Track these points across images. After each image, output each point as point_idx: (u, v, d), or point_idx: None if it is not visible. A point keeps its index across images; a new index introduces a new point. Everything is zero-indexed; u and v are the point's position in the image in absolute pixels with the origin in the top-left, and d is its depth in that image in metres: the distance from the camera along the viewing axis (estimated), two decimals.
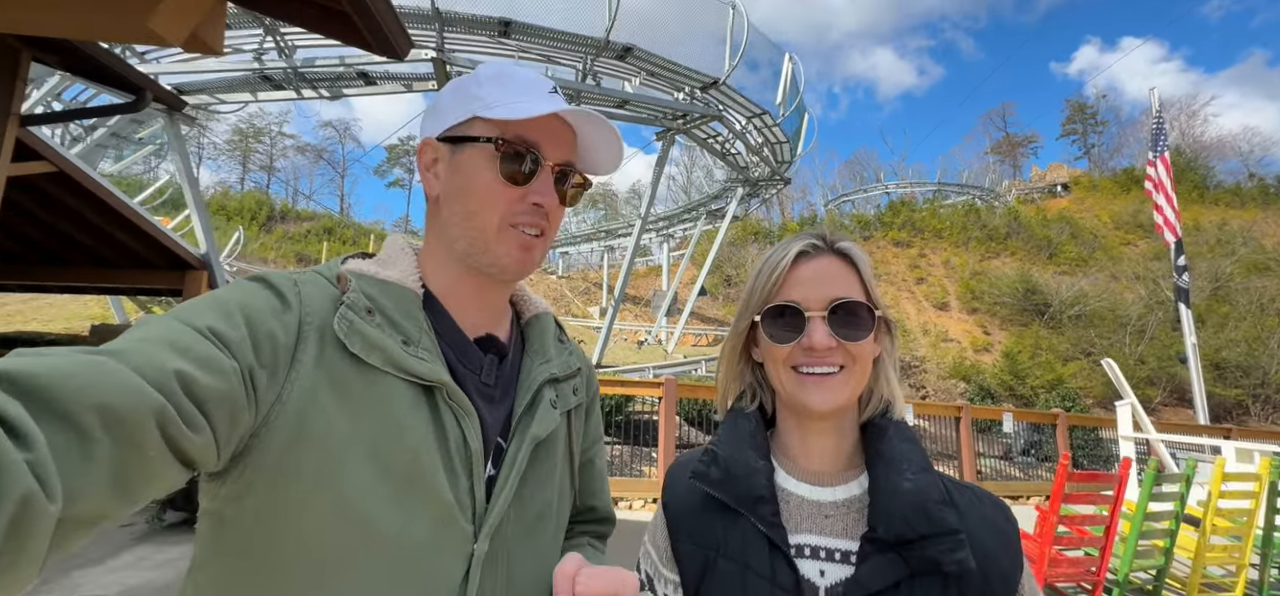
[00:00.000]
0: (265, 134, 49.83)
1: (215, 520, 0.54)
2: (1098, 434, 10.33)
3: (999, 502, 0.67)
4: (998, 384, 22.28)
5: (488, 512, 0.61)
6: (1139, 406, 7.03)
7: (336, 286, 0.60)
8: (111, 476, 0.38)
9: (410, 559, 0.55)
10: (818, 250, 0.70)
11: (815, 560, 0.64)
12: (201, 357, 0.46)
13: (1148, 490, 3.61)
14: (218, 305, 0.51)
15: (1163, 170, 10.57)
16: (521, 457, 0.64)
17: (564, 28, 9.56)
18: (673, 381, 6.62)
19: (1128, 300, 31.04)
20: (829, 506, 0.67)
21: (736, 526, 0.66)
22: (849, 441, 0.70)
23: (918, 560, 0.59)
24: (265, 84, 9.88)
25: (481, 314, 0.69)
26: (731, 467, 0.68)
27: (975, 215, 39.90)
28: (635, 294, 31.21)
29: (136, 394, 0.40)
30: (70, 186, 5.31)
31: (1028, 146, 64.44)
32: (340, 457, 0.53)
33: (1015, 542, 0.63)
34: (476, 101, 0.64)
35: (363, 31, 3.08)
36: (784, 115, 13.30)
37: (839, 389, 0.66)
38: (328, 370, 0.55)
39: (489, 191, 0.64)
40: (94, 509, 0.38)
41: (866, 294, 0.68)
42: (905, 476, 0.63)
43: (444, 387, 0.59)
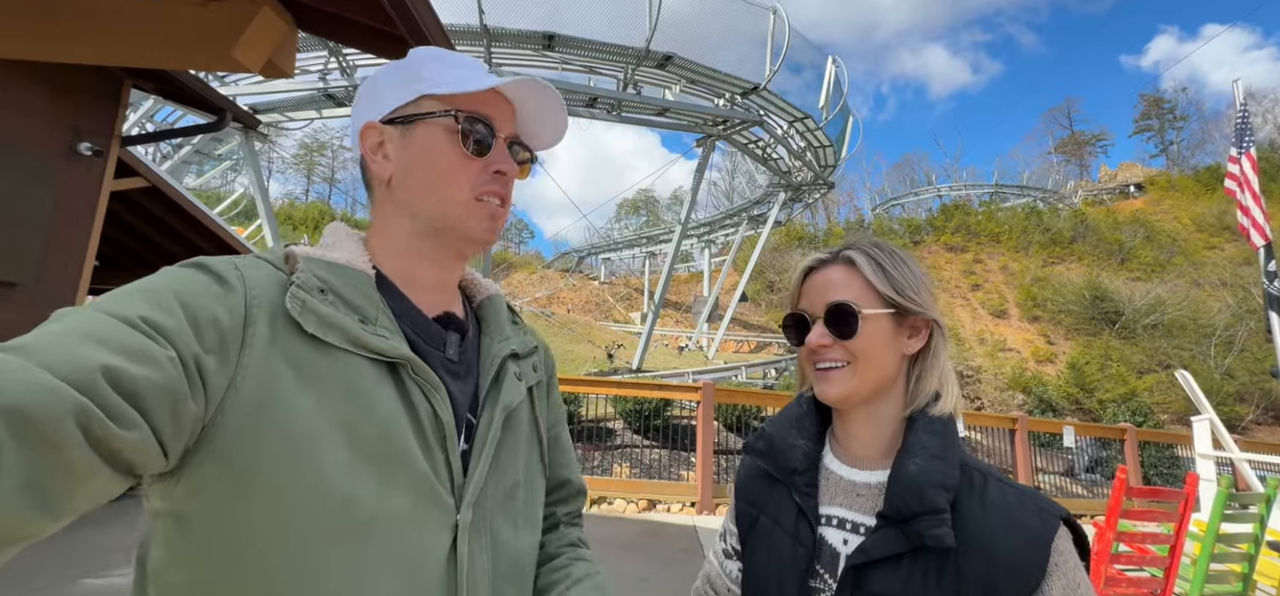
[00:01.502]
0: (328, 148, 53.05)
1: (174, 520, 0.50)
2: (1173, 451, 9.58)
3: (1044, 506, 0.67)
4: (1062, 396, 20.96)
5: (467, 483, 0.61)
6: (1218, 422, 6.49)
7: (283, 268, 0.58)
8: (21, 484, 0.35)
9: (394, 533, 0.54)
10: (824, 263, 0.79)
11: (841, 530, 0.73)
12: (129, 349, 0.42)
13: (1220, 508, 3.36)
14: (147, 293, 0.48)
15: (1248, 167, 9.75)
16: (495, 427, 0.65)
17: (606, 39, 9.78)
18: (711, 386, 6.63)
19: (1212, 308, 28.54)
20: (862, 487, 0.74)
21: (776, 491, 0.79)
22: (887, 430, 0.75)
23: (914, 536, 0.65)
24: (329, 102, 10.59)
25: (435, 293, 0.68)
26: (774, 443, 0.81)
27: (1037, 218, 37.73)
28: (676, 300, 31.21)
29: (47, 393, 0.36)
30: (160, 199, 5.88)
31: (1096, 144, 60.41)
32: (308, 439, 0.51)
33: (1042, 544, 0.63)
34: (421, 81, 0.66)
35: None
36: (827, 119, 13.08)
37: (844, 380, 0.74)
38: (283, 351, 0.52)
39: (452, 164, 0.65)
40: (6, 522, 0.35)
41: (874, 292, 0.74)
42: (914, 461, 0.68)
43: (409, 363, 0.58)
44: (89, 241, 4.20)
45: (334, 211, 47.02)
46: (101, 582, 3.32)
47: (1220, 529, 3.37)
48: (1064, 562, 0.63)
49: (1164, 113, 57.56)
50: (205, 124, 5.31)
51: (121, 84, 4.42)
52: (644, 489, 6.26)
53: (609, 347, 18.08)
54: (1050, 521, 0.65)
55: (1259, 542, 3.53)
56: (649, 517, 5.69)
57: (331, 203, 51.99)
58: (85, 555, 3.58)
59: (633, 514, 5.80)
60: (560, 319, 24.59)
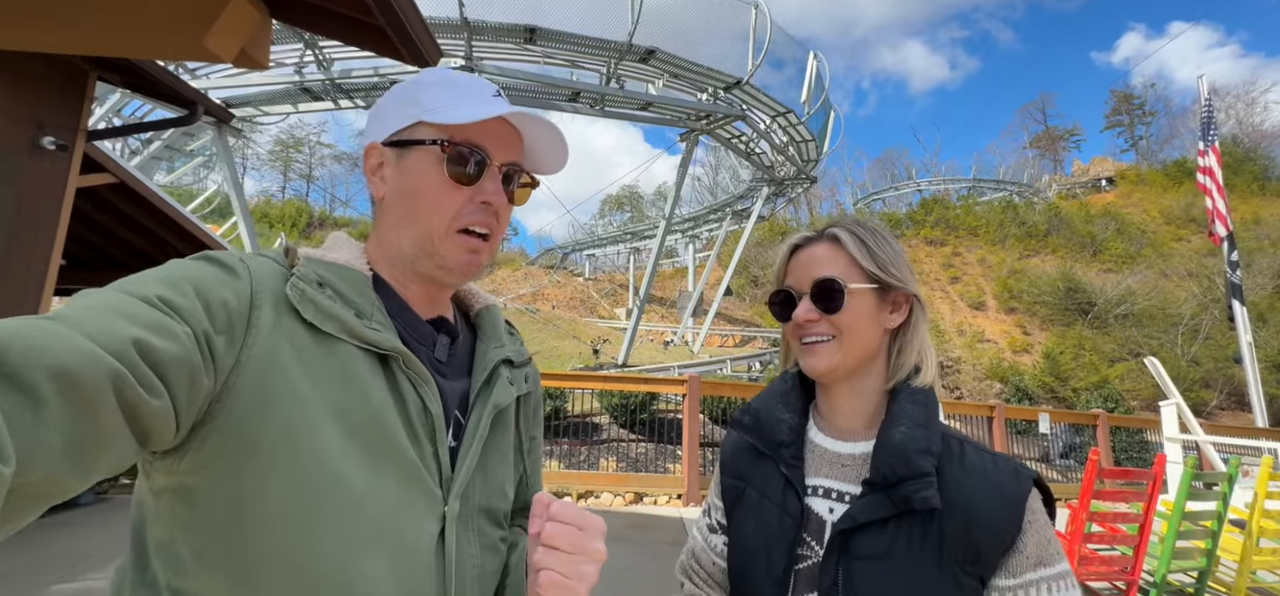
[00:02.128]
0: (304, 144, 51.90)
1: (179, 494, 0.53)
2: (1143, 436, 9.90)
3: (1019, 469, 0.71)
4: (1037, 385, 21.50)
5: (455, 476, 0.63)
6: (1185, 406, 6.73)
7: (283, 263, 0.61)
8: (64, 442, 0.37)
9: (385, 516, 0.56)
10: (810, 241, 0.81)
11: (828, 499, 0.75)
12: (153, 324, 0.45)
13: (1185, 488, 3.49)
14: (162, 277, 0.51)
15: (1214, 160, 10.09)
16: (484, 424, 0.66)
17: (588, 32, 9.73)
18: (697, 379, 6.66)
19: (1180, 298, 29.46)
20: (847, 457, 0.77)
21: (763, 465, 0.81)
22: (870, 403, 0.78)
23: (899, 499, 0.68)
24: (305, 95, 10.37)
25: (427, 302, 0.70)
26: (761, 417, 0.83)
27: (1013, 212, 38.54)
28: (661, 295, 31.26)
29: (91, 357, 0.39)
30: (129, 196, 5.71)
31: (1069, 140, 61.86)
32: (306, 418, 0.53)
33: (1017, 503, 0.67)
34: (419, 106, 0.66)
35: (395, 42, 3.25)
36: (809, 113, 13.19)
37: (830, 354, 0.76)
38: (285, 336, 0.55)
39: (437, 193, 0.65)
40: (45, 477, 0.37)
41: (858, 268, 0.76)
42: (899, 429, 0.71)
43: (400, 355, 0.61)
44: (55, 239, 4.06)
45: (311, 209, 46.10)
46: (74, 586, 3.29)
47: (1186, 508, 3.50)
48: (1037, 519, 0.68)
49: (1133, 108, 59.18)
50: (175, 118, 5.16)
51: (86, 76, 4.27)
52: (631, 482, 6.27)
53: (594, 343, 18.05)
54: (1025, 482, 0.69)
55: (1222, 519, 3.67)
56: (636, 510, 5.71)
57: (309, 200, 50.95)
58: (56, 560, 3.53)
59: (619, 506, 5.82)
60: (545, 315, 24.48)
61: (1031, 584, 0.66)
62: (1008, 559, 0.67)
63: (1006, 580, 0.67)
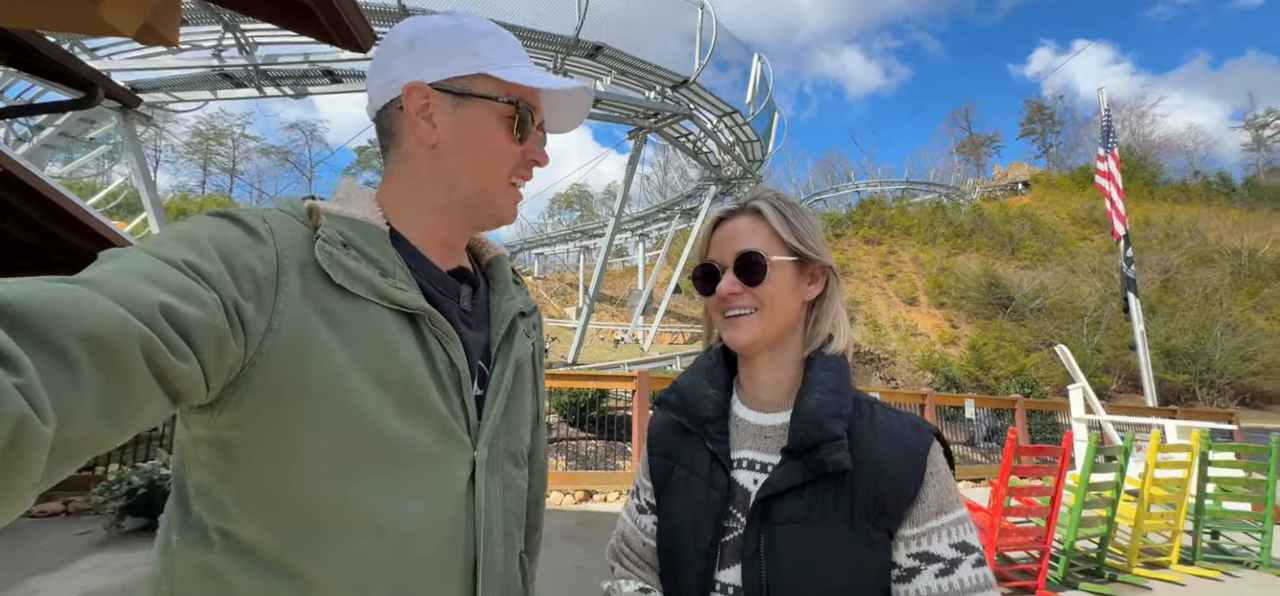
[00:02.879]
0: (227, 136, 48.24)
1: (217, 446, 0.55)
2: (1054, 418, 10.79)
3: (920, 425, 0.74)
4: (964, 375, 22.99)
5: (482, 425, 0.66)
6: (1089, 390, 7.38)
7: (306, 222, 0.61)
8: (98, 403, 0.39)
9: (421, 462, 0.60)
10: (732, 214, 0.82)
11: (752, 470, 0.76)
12: (179, 289, 0.46)
13: (1089, 462, 3.82)
14: (188, 239, 0.51)
15: (1113, 166, 11.09)
16: (507, 376, 0.70)
17: (533, 25, 9.56)
18: (646, 375, 6.68)
19: (1084, 292, 32.35)
20: (768, 428, 0.78)
21: (690, 442, 0.82)
22: (789, 373, 0.80)
23: (814, 464, 0.69)
24: (225, 82, 9.62)
25: (447, 251, 0.72)
26: (687, 395, 0.83)
27: (942, 212, 41.04)
28: (611, 294, 31.20)
29: (120, 322, 0.40)
30: (17, 187, 5.10)
31: (990, 146, 66.60)
32: (342, 379, 0.55)
33: (919, 456, 0.71)
34: (479, 57, 0.67)
35: (324, 23, 3.07)
36: (754, 114, 13.52)
37: (753, 326, 0.77)
38: (314, 300, 0.56)
39: (502, 149, 0.69)
40: (81, 434, 0.38)
41: (780, 240, 0.77)
42: (813, 396, 0.73)
43: (427, 314, 0.63)
44: None
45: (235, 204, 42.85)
46: (59, 579, 3.33)
47: (1090, 480, 3.83)
48: (938, 471, 0.71)
49: (1045, 118, 64.43)
50: (70, 100, 4.66)
51: None
52: (581, 480, 6.22)
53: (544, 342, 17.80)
54: (925, 436, 0.73)
55: (1119, 489, 4.05)
56: (586, 508, 5.66)
57: (233, 195, 47.42)
58: (37, 555, 3.54)
59: (569, 505, 5.76)
60: None
61: (933, 530, 0.69)
62: (911, 509, 0.70)
63: (910, 529, 0.69)
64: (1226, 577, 4.07)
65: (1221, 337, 30.31)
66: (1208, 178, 53.18)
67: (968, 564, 0.68)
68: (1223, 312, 32.20)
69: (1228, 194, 50.42)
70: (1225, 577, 4.07)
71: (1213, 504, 4.57)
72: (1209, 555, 4.49)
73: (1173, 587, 3.85)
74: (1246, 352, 30.50)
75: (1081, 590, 3.71)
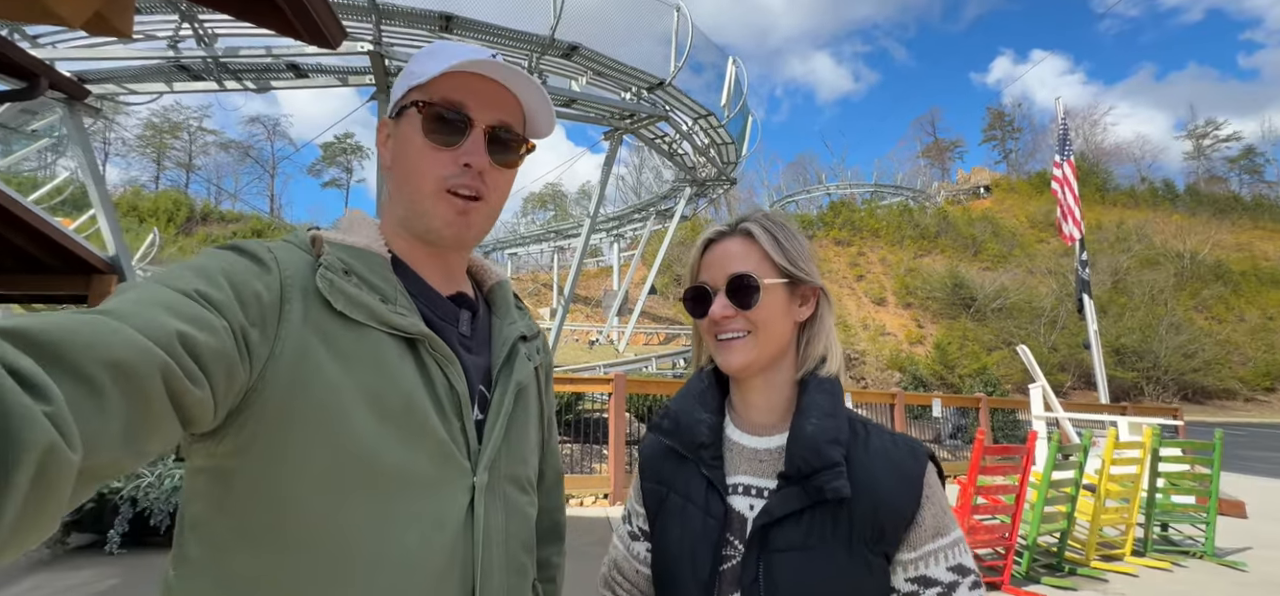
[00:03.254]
0: (183, 129, 46.19)
1: (214, 476, 0.56)
2: (1015, 415, 11.19)
3: (915, 447, 0.74)
4: (930, 373, 23.69)
5: (482, 450, 0.66)
6: (1048, 388, 7.67)
7: (309, 251, 0.63)
8: (123, 429, 0.40)
9: (418, 490, 0.59)
10: (723, 236, 0.80)
11: (747, 496, 0.75)
12: (194, 317, 0.47)
13: (1051, 461, 3.97)
14: (200, 271, 0.53)
15: (1069, 172, 11.58)
16: (508, 400, 0.70)
17: (508, 23, 9.42)
18: (622, 377, 6.66)
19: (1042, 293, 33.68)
20: (763, 452, 0.77)
21: (684, 468, 0.80)
22: (782, 396, 0.79)
23: (814, 490, 0.69)
24: (182, 74, 9.18)
25: (443, 275, 0.72)
26: (680, 420, 0.81)
27: (909, 215, 42.22)
28: (586, 294, 31.06)
29: (143, 351, 0.41)
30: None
31: (954, 151, 68.83)
32: (340, 405, 0.56)
33: (916, 480, 0.71)
34: (409, 75, 0.69)
35: (291, 18, 2.95)
36: (729, 117, 13.63)
37: (746, 350, 0.76)
38: (315, 326, 0.57)
39: (419, 155, 0.67)
40: (106, 460, 0.39)
41: (771, 263, 0.76)
42: (810, 421, 0.72)
43: (426, 339, 0.63)
44: None
45: (191, 201, 41.03)
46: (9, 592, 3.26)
47: (1052, 477, 3.98)
48: (933, 493, 0.72)
49: (1005, 125, 66.88)
50: (11, 91, 4.37)
51: None
52: None
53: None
54: (921, 459, 0.74)
55: (1078, 486, 4.22)
56: None
57: (190, 191, 45.37)
58: None
59: None
60: None
61: (930, 554, 0.69)
62: (909, 533, 0.70)
63: (908, 554, 0.70)
64: (1176, 568, 4.29)
65: (1166, 336, 32.02)
66: (1154, 184, 56.16)
67: (964, 587, 0.68)
68: (1167, 312, 34.03)
69: (1172, 200, 53.34)
70: (1175, 568, 4.28)
71: (1162, 498, 4.81)
72: (1159, 546, 4.72)
73: (1127, 579, 4.03)
74: (1188, 350, 32.31)
75: (1044, 584, 3.85)
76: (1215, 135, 62.88)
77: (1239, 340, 35.79)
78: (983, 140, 68.73)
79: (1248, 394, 33.64)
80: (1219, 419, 26.79)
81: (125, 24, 2.62)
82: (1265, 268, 43.14)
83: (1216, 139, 62.61)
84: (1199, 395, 32.34)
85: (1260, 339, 36.23)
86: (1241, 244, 45.34)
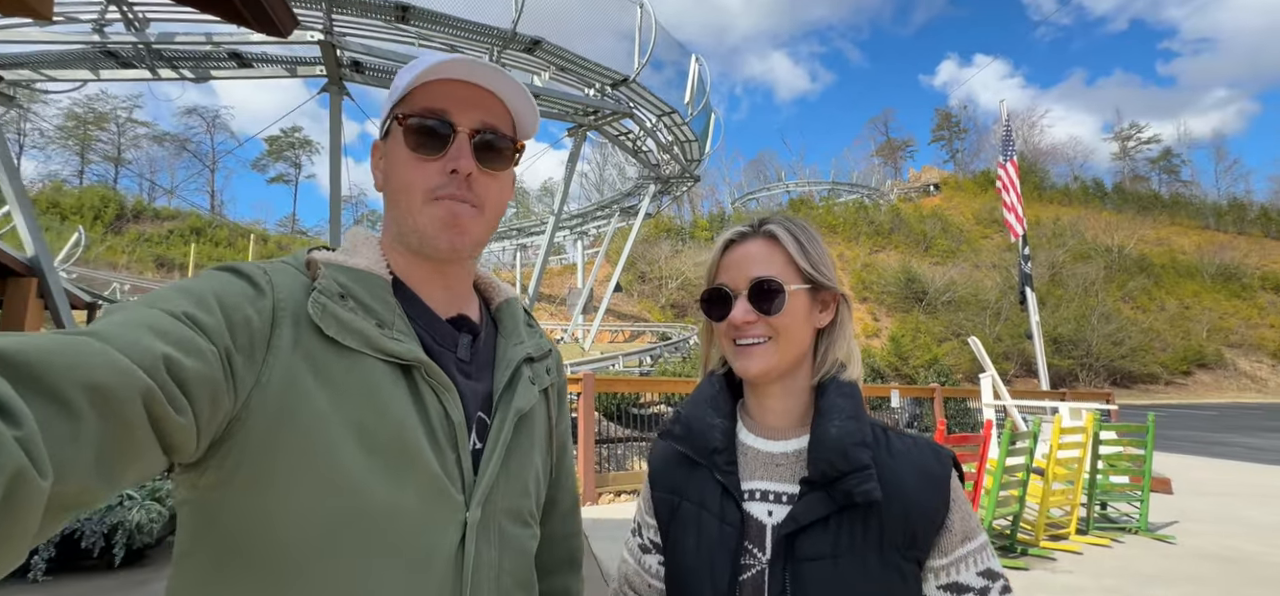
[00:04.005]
0: (110, 120, 42.98)
1: (196, 509, 0.55)
2: (966, 404, 11.75)
3: (940, 451, 0.73)
4: (886, 365, 24.57)
5: (477, 483, 0.63)
6: (997, 377, 8.07)
7: (306, 273, 0.61)
8: (97, 455, 0.38)
9: (405, 527, 0.57)
10: (744, 237, 0.78)
11: (765, 502, 0.73)
12: (181, 340, 0.46)
13: (1005, 449, 4.17)
14: (191, 293, 0.51)
15: (1012, 172, 12.20)
16: (506, 429, 0.66)
17: (468, 16, 9.18)
18: (591, 377, 6.60)
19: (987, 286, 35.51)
20: (780, 457, 0.75)
21: (697, 474, 0.77)
22: (799, 401, 0.77)
23: (841, 495, 0.66)
24: (110, 61, 8.52)
25: (446, 294, 0.70)
26: (692, 424, 0.78)
27: (864, 212, 43.68)
28: (550, 292, 30.72)
29: (125, 373, 0.40)
30: None
31: (906, 150, 71.64)
32: (327, 435, 0.54)
33: (943, 483, 0.69)
34: (394, 91, 0.67)
35: (236, 4, 2.76)
36: (692, 114, 13.73)
37: (766, 356, 0.73)
38: (305, 353, 0.56)
39: (405, 168, 0.65)
40: (77, 488, 0.38)
41: (795, 268, 0.74)
42: (833, 424, 0.70)
43: (421, 365, 0.61)
44: None
45: (122, 198, 38.21)
46: None
47: (1005, 464, 4.18)
48: (958, 496, 0.71)
49: (952, 125, 70.07)
50: None
51: None
52: None
53: None
54: (945, 462, 0.72)
55: (1028, 470, 4.44)
56: None
57: (119, 187, 42.28)
58: None
59: None
60: None
61: (960, 559, 0.68)
62: (939, 538, 0.68)
63: (940, 560, 0.68)
64: (1114, 544, 4.58)
65: (1098, 326, 34.33)
66: (1085, 183, 60.07)
67: (995, 591, 0.67)
68: (1098, 303, 36.47)
69: (1101, 197, 57.20)
70: (1113, 544, 4.57)
71: (1102, 478, 5.13)
72: (1099, 524, 5.03)
73: (1073, 557, 4.27)
74: (1117, 338, 34.74)
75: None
76: (1138, 137, 67.86)
77: (1160, 328, 38.75)
78: (932, 140, 71.87)
79: (1168, 377, 36.46)
80: (1144, 401, 28.96)
81: (45, 5, 2.39)
82: (1182, 261, 46.86)
83: (1139, 141, 67.58)
84: (1126, 379, 34.84)
85: (1178, 327, 39.35)
86: (1161, 238, 49.12)
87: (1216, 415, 22.98)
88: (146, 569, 3.27)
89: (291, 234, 48.04)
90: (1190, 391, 35.31)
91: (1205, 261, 46.32)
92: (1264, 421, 20.38)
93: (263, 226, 45.94)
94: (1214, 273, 45.34)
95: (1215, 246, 48.10)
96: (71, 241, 19.39)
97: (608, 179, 40.18)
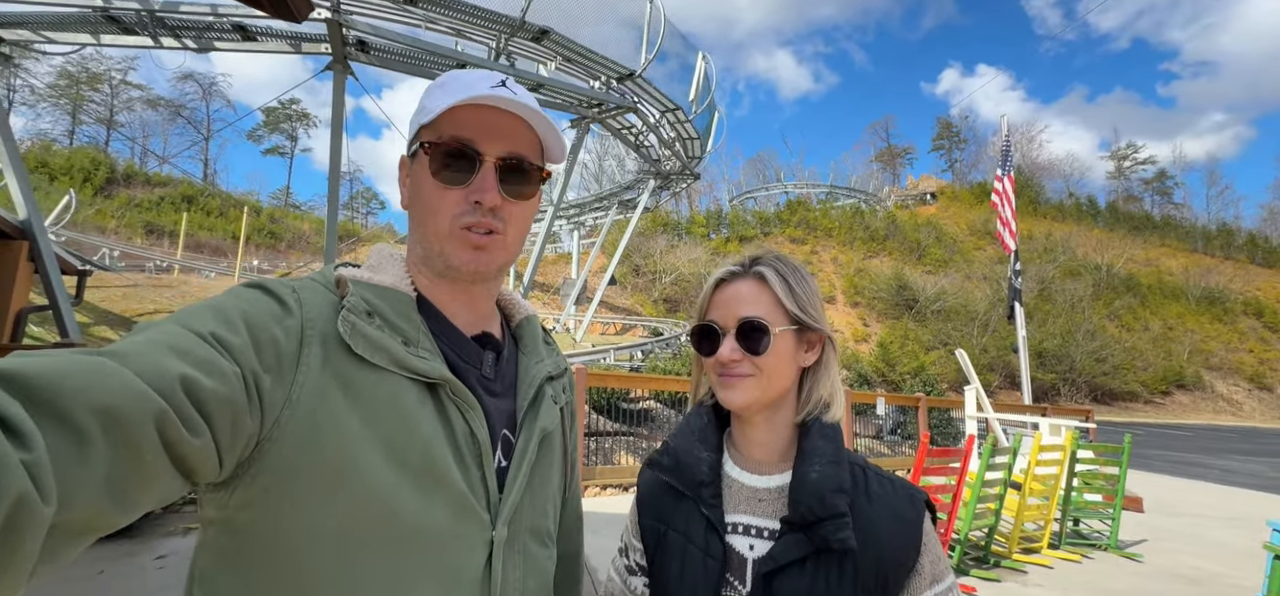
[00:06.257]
0: (103, 81, 42.16)
1: (224, 528, 0.54)
2: (949, 414, 11.95)
3: (914, 493, 0.76)
4: (873, 371, 24.80)
5: (503, 501, 0.63)
6: (981, 390, 8.24)
7: (334, 292, 0.61)
8: (106, 480, 0.38)
9: (434, 545, 0.57)
10: (735, 276, 0.81)
11: (747, 536, 0.76)
12: (203, 361, 0.46)
13: (985, 462, 4.30)
14: (218, 311, 0.51)
15: (1009, 186, 12.34)
16: (531, 448, 0.67)
17: (478, 2, 9.14)
18: (583, 370, 6.67)
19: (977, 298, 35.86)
20: (763, 492, 0.78)
21: (683, 505, 0.80)
22: (783, 436, 0.80)
23: (818, 539, 0.70)
24: (112, 25, 8.41)
25: (470, 313, 0.70)
26: (680, 456, 0.82)
27: (860, 217, 43.86)
28: (544, 281, 30.70)
29: (138, 396, 0.40)
30: None
31: (905, 157, 71.93)
32: (357, 453, 0.54)
33: (916, 528, 0.73)
34: (421, 112, 0.67)
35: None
36: (696, 112, 13.74)
37: (749, 390, 0.77)
38: (334, 372, 0.56)
39: (430, 195, 0.65)
40: (86, 514, 0.37)
41: (782, 309, 0.77)
42: (814, 468, 0.74)
43: (447, 383, 0.61)
44: None
45: (113, 161, 37.52)
46: None
47: (985, 477, 4.31)
48: (929, 539, 0.75)
49: (952, 135, 70.36)
50: None
51: None
52: None
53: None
54: (919, 505, 0.76)
55: (1006, 484, 4.58)
56: None
57: (110, 150, 41.59)
58: None
59: None
60: None
61: None
62: (909, 580, 0.72)
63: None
64: (1084, 560, 4.74)
65: (1083, 342, 34.84)
66: (1079, 200, 60.67)
67: None
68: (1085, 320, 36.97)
69: (1094, 215, 57.81)
70: (1083, 560, 4.73)
71: (1076, 495, 5.29)
72: (1070, 540, 5.20)
73: (1043, 571, 4.43)
74: (1100, 355, 35.26)
75: (972, 576, 4.18)
76: (1134, 157, 68.56)
77: (1143, 347, 39.39)
78: (932, 148, 72.16)
79: (1147, 396, 37.13)
80: (1123, 419, 29.53)
81: None
82: (1169, 282, 47.57)
83: (1135, 161, 68.29)
84: (1107, 396, 35.43)
85: (1161, 347, 40.03)
86: (1150, 259, 49.81)
87: (1192, 436, 23.49)
88: (134, 541, 3.31)
89: (285, 207, 47.51)
90: (1168, 411, 35.99)
91: (1191, 284, 47.08)
92: (1238, 444, 20.88)
93: (256, 197, 45.40)
94: (1199, 295, 46.10)
95: (1202, 270, 48.88)
96: (62, 205, 19.11)
97: (607, 171, 40.05)
